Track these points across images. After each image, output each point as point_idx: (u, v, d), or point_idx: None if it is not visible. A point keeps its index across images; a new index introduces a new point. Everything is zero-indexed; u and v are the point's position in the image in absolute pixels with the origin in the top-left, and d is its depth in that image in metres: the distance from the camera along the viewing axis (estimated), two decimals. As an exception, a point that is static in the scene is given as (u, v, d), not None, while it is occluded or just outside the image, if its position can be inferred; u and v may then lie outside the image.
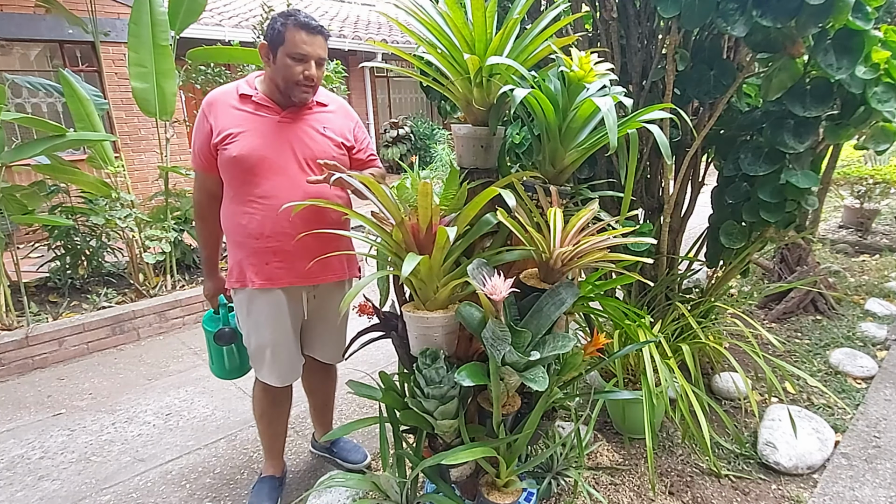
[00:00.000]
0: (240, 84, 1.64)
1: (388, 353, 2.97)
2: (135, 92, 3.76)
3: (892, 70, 1.72)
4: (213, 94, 1.64)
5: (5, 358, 3.09)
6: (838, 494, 1.84)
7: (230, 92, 1.62)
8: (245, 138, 1.56)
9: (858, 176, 4.91)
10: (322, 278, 1.72)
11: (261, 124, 1.59)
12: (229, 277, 1.70)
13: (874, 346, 2.87)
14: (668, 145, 1.30)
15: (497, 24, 1.30)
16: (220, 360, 1.88)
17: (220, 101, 1.60)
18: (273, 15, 1.57)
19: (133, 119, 6.42)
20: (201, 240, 1.80)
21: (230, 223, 1.65)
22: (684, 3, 1.67)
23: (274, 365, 1.73)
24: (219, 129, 1.58)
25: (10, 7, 5.54)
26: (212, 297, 1.84)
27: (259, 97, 1.60)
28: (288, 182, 1.58)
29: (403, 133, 10.21)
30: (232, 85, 1.65)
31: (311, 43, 1.53)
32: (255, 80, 1.66)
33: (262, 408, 1.86)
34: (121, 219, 3.72)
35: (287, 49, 1.51)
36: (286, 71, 1.53)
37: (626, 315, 1.75)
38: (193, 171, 1.72)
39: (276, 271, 1.63)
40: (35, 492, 2.09)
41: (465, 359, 1.44)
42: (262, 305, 1.67)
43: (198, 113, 1.64)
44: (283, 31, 1.50)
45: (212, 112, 1.59)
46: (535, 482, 1.71)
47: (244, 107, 1.60)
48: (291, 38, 1.50)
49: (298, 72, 1.54)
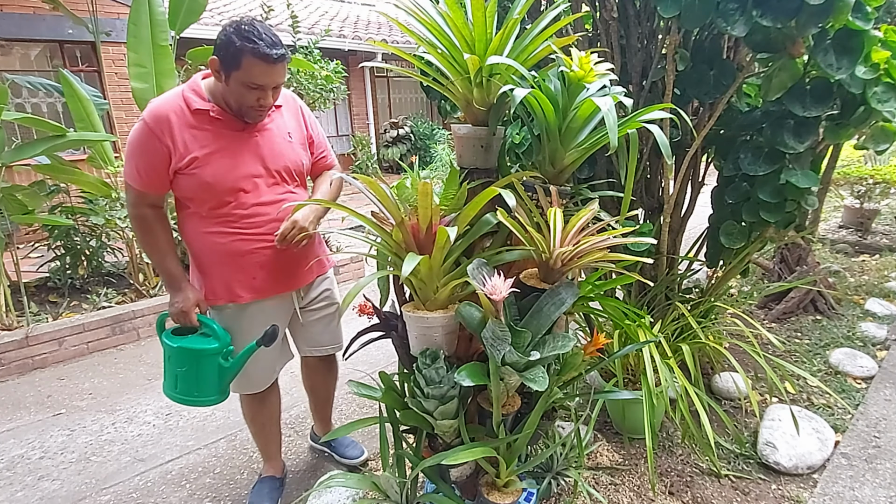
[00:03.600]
0: (187, 96, 1.47)
1: (388, 353, 2.97)
2: (134, 92, 3.75)
3: (892, 70, 1.72)
4: (159, 107, 1.45)
5: (5, 358, 3.09)
6: (838, 494, 1.84)
7: (179, 106, 1.46)
8: (216, 161, 1.48)
9: (858, 176, 4.91)
10: (307, 279, 1.75)
11: (227, 142, 1.50)
12: (212, 294, 1.60)
13: (874, 346, 2.87)
14: (669, 145, 1.30)
15: (497, 24, 1.30)
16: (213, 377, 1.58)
17: (172, 119, 1.44)
18: (227, 29, 1.37)
19: (133, 119, 6.42)
20: (157, 253, 1.58)
21: (203, 243, 1.56)
22: (684, 3, 1.67)
23: (247, 377, 1.69)
24: (180, 152, 1.45)
25: (10, 7, 5.54)
26: (190, 309, 1.55)
27: (216, 111, 1.48)
28: (267, 197, 1.57)
29: (403, 133, 10.21)
30: (175, 95, 1.48)
31: (270, 73, 1.40)
32: (202, 83, 1.51)
33: (252, 412, 1.85)
34: (121, 219, 3.72)
35: (242, 78, 1.39)
36: (239, 97, 1.43)
37: (626, 315, 1.75)
38: (126, 188, 1.53)
39: (263, 284, 1.62)
40: (35, 492, 2.09)
41: (465, 359, 1.44)
42: (250, 317, 1.65)
43: (138, 124, 1.45)
44: (239, 57, 1.36)
45: (165, 132, 1.43)
46: (535, 482, 1.71)
47: (203, 125, 1.48)
48: (248, 67, 1.37)
49: (252, 98, 1.43)
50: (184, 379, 1.56)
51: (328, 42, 8.07)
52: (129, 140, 1.47)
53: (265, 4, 5.30)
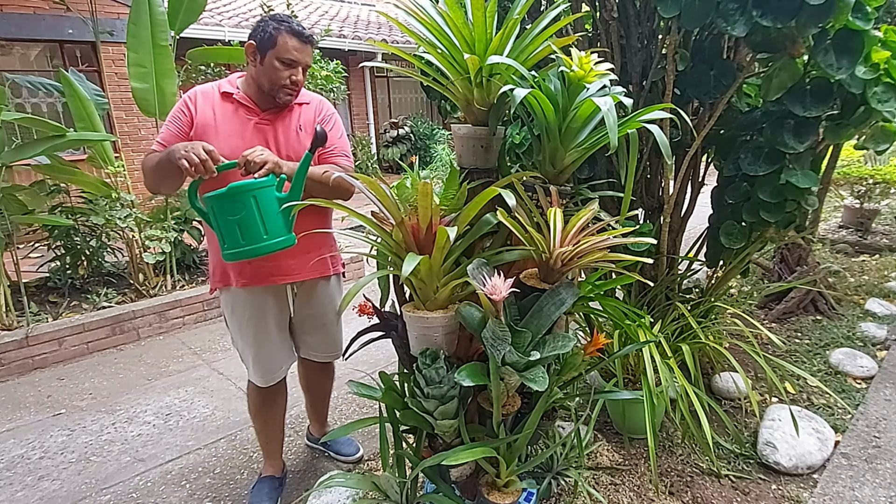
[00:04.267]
0: (221, 83, 1.66)
1: (388, 353, 2.97)
2: (134, 92, 3.76)
3: (892, 70, 1.72)
4: (196, 89, 1.65)
5: (5, 358, 3.09)
6: (838, 494, 1.83)
7: (211, 89, 1.64)
8: (225, 138, 1.57)
9: (858, 176, 4.91)
10: (306, 274, 1.73)
11: (239, 125, 1.60)
12: (212, 278, 1.72)
13: (874, 346, 2.87)
14: (669, 145, 1.30)
15: (497, 24, 1.30)
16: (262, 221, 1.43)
17: (202, 96, 1.62)
18: (264, 18, 1.59)
19: (133, 119, 6.43)
20: (156, 165, 1.53)
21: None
22: (684, 3, 1.67)
23: (257, 365, 1.74)
24: (198, 121, 1.58)
25: (10, 7, 5.54)
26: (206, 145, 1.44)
27: (240, 95, 1.62)
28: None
29: (403, 133, 10.21)
30: (213, 84, 1.67)
31: (302, 51, 1.57)
32: (237, 80, 1.67)
33: (256, 406, 1.88)
34: (121, 219, 3.72)
35: (277, 53, 1.54)
36: (273, 73, 1.56)
37: (626, 315, 1.75)
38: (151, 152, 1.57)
39: (258, 271, 1.64)
40: (35, 492, 2.09)
41: (465, 359, 1.43)
42: (245, 304, 1.69)
43: (178, 103, 1.63)
44: (275, 35, 1.53)
45: (193, 103, 1.60)
46: (535, 482, 1.71)
47: (226, 105, 1.61)
48: (283, 43, 1.53)
49: (286, 76, 1.56)
50: (247, 224, 1.41)
51: (328, 42, 8.07)
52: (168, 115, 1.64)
53: (265, 4, 5.31)
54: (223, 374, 3.06)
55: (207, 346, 3.47)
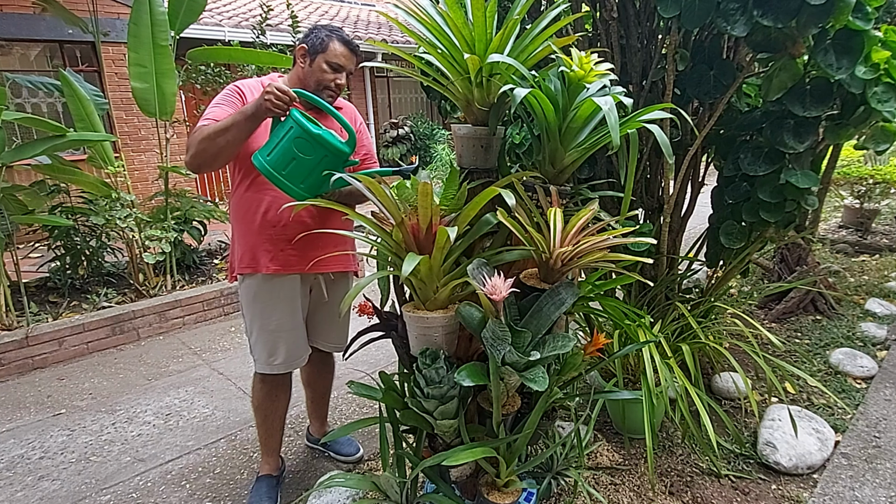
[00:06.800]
0: (263, 79, 1.74)
1: (388, 353, 2.97)
2: (134, 92, 3.76)
3: (892, 70, 1.72)
4: (240, 82, 1.72)
5: (5, 358, 3.09)
6: (838, 494, 1.83)
7: (257, 84, 1.71)
8: (265, 131, 1.59)
9: (858, 176, 4.91)
10: (331, 267, 1.83)
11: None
12: (239, 263, 1.75)
13: (874, 346, 2.87)
14: (669, 145, 1.30)
15: (497, 24, 1.30)
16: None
17: (247, 88, 1.69)
18: (317, 25, 1.73)
19: (133, 119, 6.43)
20: (223, 127, 1.53)
21: (245, 210, 1.71)
22: (684, 3, 1.67)
23: (280, 350, 1.79)
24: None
25: (9, 7, 5.54)
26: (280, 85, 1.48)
27: None
28: None
29: (403, 133, 10.20)
30: (256, 79, 1.75)
31: (349, 58, 1.71)
32: (279, 79, 1.73)
33: (259, 400, 1.90)
34: (121, 219, 3.72)
35: (327, 57, 1.66)
36: (321, 75, 1.67)
37: (626, 315, 1.75)
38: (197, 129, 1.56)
39: (290, 258, 1.72)
40: (35, 492, 2.09)
41: (465, 359, 1.44)
42: (272, 290, 1.75)
43: (227, 89, 1.68)
44: (327, 41, 1.66)
45: (241, 91, 1.67)
46: (535, 482, 1.71)
47: None
48: (334, 49, 1.66)
49: (331, 79, 1.68)
50: (300, 166, 1.48)
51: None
52: (214, 100, 1.66)
53: (265, 4, 5.31)
54: (223, 374, 3.06)
55: (207, 346, 3.47)
